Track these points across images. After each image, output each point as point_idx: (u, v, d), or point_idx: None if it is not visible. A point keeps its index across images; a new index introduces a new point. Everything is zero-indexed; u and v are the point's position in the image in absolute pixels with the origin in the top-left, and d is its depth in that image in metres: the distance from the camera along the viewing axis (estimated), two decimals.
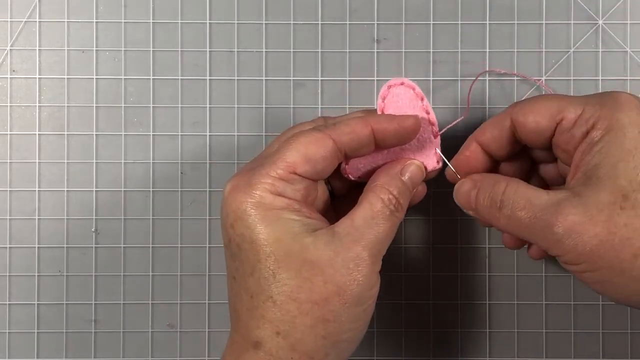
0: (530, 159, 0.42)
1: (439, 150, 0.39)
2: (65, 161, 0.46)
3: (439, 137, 0.39)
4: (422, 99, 0.39)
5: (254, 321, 0.35)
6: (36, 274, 0.46)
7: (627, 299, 0.35)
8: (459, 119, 0.42)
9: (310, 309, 0.34)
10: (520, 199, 0.36)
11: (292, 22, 0.46)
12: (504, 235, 0.42)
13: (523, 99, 0.42)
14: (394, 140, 0.37)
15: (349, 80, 0.46)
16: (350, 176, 0.39)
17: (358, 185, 0.39)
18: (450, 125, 0.41)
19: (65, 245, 0.46)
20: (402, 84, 0.39)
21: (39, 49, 0.46)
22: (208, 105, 0.46)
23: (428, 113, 0.39)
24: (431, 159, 0.39)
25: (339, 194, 0.41)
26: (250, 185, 0.35)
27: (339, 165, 0.38)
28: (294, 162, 0.35)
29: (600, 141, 0.35)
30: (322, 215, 0.38)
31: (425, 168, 0.39)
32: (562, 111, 0.37)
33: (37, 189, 0.46)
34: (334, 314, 0.34)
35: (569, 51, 0.45)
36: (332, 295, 0.34)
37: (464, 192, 0.39)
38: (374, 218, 0.36)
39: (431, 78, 0.45)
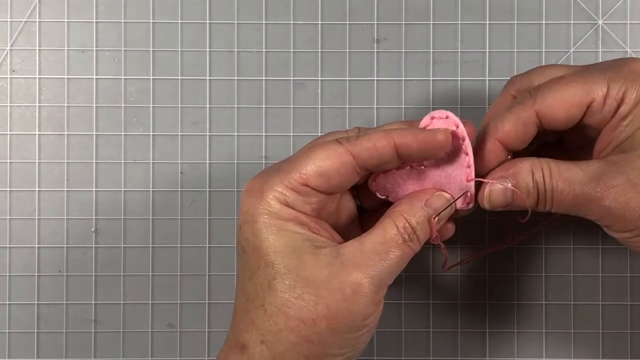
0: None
1: (470, 194, 0.36)
2: (65, 161, 0.46)
3: (472, 182, 0.36)
4: (463, 140, 0.36)
5: (244, 324, 0.35)
6: (36, 274, 0.46)
7: None
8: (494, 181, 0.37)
9: (296, 326, 0.33)
10: (559, 182, 0.35)
11: (292, 22, 0.46)
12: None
13: (539, 83, 0.38)
14: (419, 156, 0.35)
15: (349, 80, 0.46)
16: (377, 193, 0.37)
17: (388, 202, 0.38)
18: (487, 183, 0.37)
19: (65, 245, 0.46)
20: (446, 117, 0.36)
21: (39, 49, 0.46)
22: (208, 105, 0.46)
23: (467, 154, 0.36)
24: (461, 199, 0.36)
25: (369, 208, 0.39)
26: (262, 190, 0.35)
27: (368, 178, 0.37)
28: (307, 175, 0.34)
29: (629, 114, 0.35)
30: (347, 228, 0.38)
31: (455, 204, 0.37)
32: (589, 94, 0.35)
33: (37, 189, 0.46)
34: (319, 337, 0.33)
35: (569, 51, 0.45)
36: (321, 318, 0.33)
37: (500, 192, 0.36)
38: (383, 244, 0.34)
39: (431, 78, 0.45)
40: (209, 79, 0.46)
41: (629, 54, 0.45)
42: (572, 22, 0.45)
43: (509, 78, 0.45)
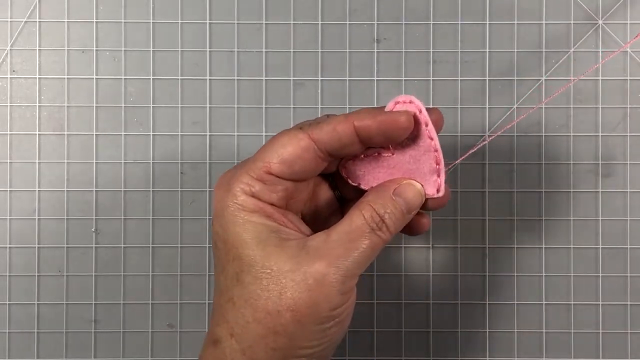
0: None
1: (440, 179, 0.36)
2: (65, 161, 0.46)
3: (442, 164, 0.36)
4: (426, 124, 0.35)
5: (215, 319, 0.35)
6: (36, 274, 0.46)
7: None
8: (462, 158, 0.40)
9: (263, 318, 0.33)
10: None
11: (292, 22, 0.46)
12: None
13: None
14: (380, 138, 0.34)
15: (349, 80, 0.46)
16: (349, 180, 0.38)
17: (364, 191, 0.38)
18: (453, 165, 0.39)
19: (65, 245, 0.46)
20: (410, 102, 0.35)
21: (39, 49, 0.46)
22: (208, 105, 0.46)
23: (432, 139, 0.35)
24: (431, 185, 0.36)
25: (349, 198, 0.39)
26: (229, 184, 0.35)
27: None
28: (269, 163, 0.34)
29: None
30: (328, 219, 0.38)
31: (425, 194, 0.36)
32: None
33: (37, 189, 0.46)
34: (285, 328, 0.33)
35: (569, 51, 0.45)
36: (285, 309, 0.33)
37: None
38: (350, 234, 0.34)
39: (431, 78, 0.45)
40: (209, 79, 0.46)
41: (629, 54, 0.45)
42: (572, 22, 0.45)
43: (509, 78, 0.45)
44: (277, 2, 0.46)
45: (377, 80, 0.46)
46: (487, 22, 0.46)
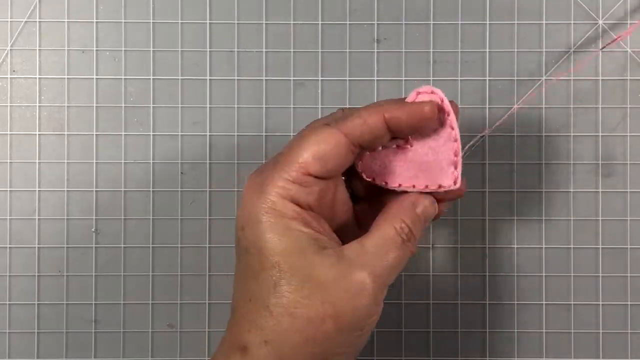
0: None
1: (457, 171, 0.36)
2: (65, 161, 0.46)
3: (460, 156, 0.36)
4: (448, 114, 0.36)
5: (245, 324, 0.35)
6: (36, 274, 0.46)
7: None
8: (477, 138, 0.41)
9: (302, 326, 0.33)
10: None
11: (292, 22, 0.46)
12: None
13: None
14: (409, 129, 0.35)
15: (349, 80, 0.46)
16: (364, 175, 0.37)
17: (377, 188, 0.38)
18: (470, 144, 0.40)
19: (65, 245, 0.46)
20: (432, 92, 0.36)
21: (39, 49, 0.46)
22: (208, 105, 0.46)
23: (453, 129, 0.36)
24: (449, 177, 0.36)
25: (359, 195, 0.39)
26: (263, 188, 0.34)
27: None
28: (305, 163, 0.34)
29: None
30: (342, 221, 0.38)
31: (441, 186, 0.36)
32: None
33: (37, 189, 0.46)
34: (326, 335, 0.34)
35: (569, 51, 0.45)
36: (328, 317, 0.33)
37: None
38: (384, 246, 0.35)
39: (431, 78, 0.45)
40: (209, 79, 0.46)
41: (629, 54, 0.45)
42: (572, 22, 0.45)
43: (509, 78, 0.45)
44: (277, 2, 0.46)
45: (377, 80, 0.46)
46: (487, 22, 0.46)
